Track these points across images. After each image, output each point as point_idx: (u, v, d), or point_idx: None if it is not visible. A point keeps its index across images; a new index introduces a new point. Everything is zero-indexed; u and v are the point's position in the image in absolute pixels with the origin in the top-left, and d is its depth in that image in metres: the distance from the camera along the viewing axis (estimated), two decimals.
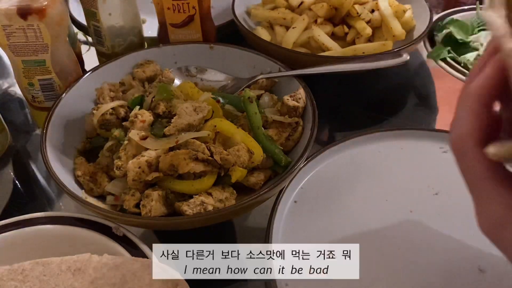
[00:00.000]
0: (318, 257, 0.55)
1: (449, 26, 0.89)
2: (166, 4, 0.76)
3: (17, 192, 0.72)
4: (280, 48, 0.83)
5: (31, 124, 0.84)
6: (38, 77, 0.70)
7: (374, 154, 0.68)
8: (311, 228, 0.58)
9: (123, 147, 0.60)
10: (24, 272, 0.47)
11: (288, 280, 0.52)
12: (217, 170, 0.58)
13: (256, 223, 0.66)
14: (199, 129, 0.61)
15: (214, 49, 0.78)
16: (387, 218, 0.59)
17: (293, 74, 0.71)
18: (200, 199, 0.55)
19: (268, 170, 0.62)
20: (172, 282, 0.46)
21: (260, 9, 0.95)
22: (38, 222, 0.54)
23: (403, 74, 0.93)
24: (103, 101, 0.68)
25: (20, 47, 0.67)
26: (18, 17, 0.63)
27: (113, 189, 0.60)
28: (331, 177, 0.65)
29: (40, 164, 0.75)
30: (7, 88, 0.90)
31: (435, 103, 0.87)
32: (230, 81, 0.77)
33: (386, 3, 0.89)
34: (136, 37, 0.81)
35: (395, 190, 0.62)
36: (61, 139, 0.65)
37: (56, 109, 0.66)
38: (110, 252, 0.50)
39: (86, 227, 0.54)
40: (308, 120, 0.65)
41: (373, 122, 0.82)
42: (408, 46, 0.81)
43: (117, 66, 0.75)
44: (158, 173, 0.57)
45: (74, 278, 0.47)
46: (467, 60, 0.84)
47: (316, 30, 0.86)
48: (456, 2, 1.12)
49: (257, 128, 0.62)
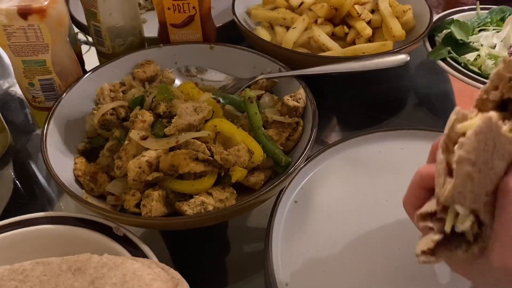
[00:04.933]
0: (318, 257, 0.55)
1: (449, 26, 0.89)
2: (166, 4, 0.76)
3: (17, 192, 0.72)
4: (280, 48, 0.83)
5: (32, 124, 0.84)
6: (38, 77, 0.70)
7: (374, 154, 0.68)
8: (311, 228, 0.58)
9: (123, 147, 0.60)
10: (24, 272, 0.47)
11: (288, 280, 0.52)
12: (218, 170, 0.58)
13: (256, 223, 0.66)
14: (199, 129, 0.61)
15: (214, 49, 0.78)
16: (387, 218, 0.59)
17: (293, 74, 0.71)
18: (200, 199, 0.55)
19: (268, 170, 0.62)
20: (172, 282, 0.46)
21: (260, 9, 0.95)
22: (38, 222, 0.54)
23: (403, 74, 0.93)
24: (104, 101, 0.68)
25: (21, 47, 0.67)
26: (18, 17, 0.63)
27: (113, 189, 0.60)
28: (331, 177, 0.65)
29: (40, 164, 0.75)
30: (7, 88, 0.90)
31: (435, 103, 0.87)
32: (230, 81, 0.77)
33: (386, 3, 0.89)
34: (137, 37, 0.81)
35: (395, 190, 0.62)
36: (62, 139, 0.65)
37: (56, 109, 0.66)
38: (110, 252, 0.50)
39: (86, 227, 0.54)
40: (308, 120, 0.65)
41: (373, 122, 0.82)
42: (408, 46, 0.81)
43: (118, 66, 0.75)
44: (159, 173, 0.57)
45: (74, 278, 0.47)
46: (467, 60, 0.84)
47: (316, 30, 0.86)
48: (456, 2, 1.12)
49: (258, 128, 0.62)
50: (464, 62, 0.84)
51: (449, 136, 0.39)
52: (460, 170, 0.35)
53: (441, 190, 0.37)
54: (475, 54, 0.85)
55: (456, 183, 0.35)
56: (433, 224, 0.39)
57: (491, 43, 0.87)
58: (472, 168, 0.35)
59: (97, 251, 0.49)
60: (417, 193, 0.43)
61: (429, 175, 0.41)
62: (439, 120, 0.84)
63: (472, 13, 0.96)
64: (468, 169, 0.35)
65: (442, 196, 0.36)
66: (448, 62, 0.84)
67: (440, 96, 0.89)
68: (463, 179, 0.35)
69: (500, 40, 0.86)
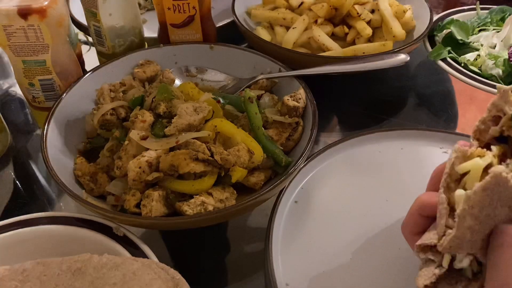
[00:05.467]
0: (318, 257, 0.55)
1: (449, 26, 0.89)
2: (166, 4, 0.76)
3: (17, 192, 0.72)
4: (280, 48, 0.83)
5: (32, 124, 0.84)
6: (38, 77, 0.70)
7: (374, 154, 0.68)
8: (311, 228, 0.58)
9: (123, 147, 0.60)
10: (24, 272, 0.47)
11: (288, 280, 0.52)
12: (218, 170, 0.58)
13: (256, 223, 0.66)
14: (199, 129, 0.61)
15: (214, 49, 0.78)
16: (387, 218, 0.59)
17: (293, 74, 0.71)
18: (200, 199, 0.55)
19: (268, 170, 0.62)
20: (172, 282, 0.46)
21: (260, 9, 0.95)
22: (39, 222, 0.54)
23: (403, 74, 0.93)
24: (104, 102, 0.68)
25: (21, 47, 0.67)
26: (18, 17, 0.63)
27: (113, 189, 0.60)
28: (331, 177, 0.65)
29: (40, 164, 0.76)
30: (7, 88, 0.90)
31: (435, 103, 0.87)
32: (230, 81, 0.77)
33: (386, 3, 0.89)
34: (137, 37, 0.81)
35: (395, 190, 0.62)
36: (62, 139, 0.65)
37: (56, 109, 0.66)
38: (110, 252, 0.50)
39: (86, 227, 0.54)
40: (308, 120, 0.65)
41: (373, 122, 0.82)
42: (408, 46, 0.81)
43: (118, 66, 0.75)
44: (159, 173, 0.57)
45: (74, 278, 0.47)
46: (467, 60, 0.84)
47: (316, 31, 0.86)
48: (456, 2, 1.12)
49: (258, 128, 0.62)
50: (464, 62, 0.84)
51: (450, 175, 0.39)
52: (462, 223, 0.35)
53: (441, 239, 0.37)
54: (475, 54, 0.85)
55: (456, 235, 0.36)
56: (433, 257, 0.40)
57: (491, 43, 0.87)
58: (474, 222, 0.35)
59: (97, 251, 0.49)
60: (417, 220, 0.44)
61: (429, 203, 0.42)
62: (439, 120, 0.84)
63: (472, 13, 0.96)
64: (470, 223, 0.35)
65: (440, 246, 0.37)
66: (448, 62, 0.84)
67: (440, 96, 0.89)
68: (463, 231, 0.35)
69: (500, 40, 0.86)
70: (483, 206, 0.34)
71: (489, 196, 0.34)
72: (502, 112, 0.39)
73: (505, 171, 0.34)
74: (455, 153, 0.39)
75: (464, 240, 0.36)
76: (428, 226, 0.43)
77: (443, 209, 0.38)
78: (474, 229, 0.35)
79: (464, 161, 0.39)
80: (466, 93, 0.88)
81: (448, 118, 0.84)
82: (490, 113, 0.40)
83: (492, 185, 0.34)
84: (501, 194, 0.34)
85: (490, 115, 0.40)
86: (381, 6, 0.89)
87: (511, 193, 0.35)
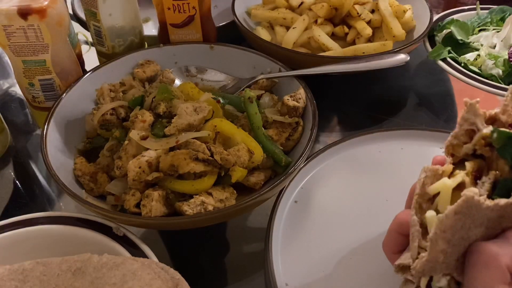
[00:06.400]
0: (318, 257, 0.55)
1: (449, 26, 0.89)
2: (166, 4, 0.76)
3: (17, 192, 0.72)
4: (280, 48, 0.83)
5: (32, 124, 0.84)
6: (38, 77, 0.70)
7: (374, 154, 0.68)
8: (311, 228, 0.58)
9: (123, 147, 0.60)
10: (24, 272, 0.47)
11: (288, 280, 0.52)
12: (217, 170, 0.58)
13: (256, 223, 0.66)
14: (199, 129, 0.61)
15: (214, 49, 0.78)
16: (387, 218, 0.58)
17: (293, 74, 0.71)
18: (200, 199, 0.55)
19: (268, 170, 0.62)
20: (172, 282, 0.46)
21: (260, 9, 0.95)
22: (39, 222, 0.54)
23: (403, 74, 0.93)
24: (103, 101, 0.68)
25: (21, 47, 0.67)
26: (18, 17, 0.63)
27: (113, 189, 0.60)
28: (331, 177, 0.65)
29: (40, 164, 0.76)
30: (7, 88, 0.90)
31: (435, 103, 0.87)
32: (230, 81, 0.77)
33: (386, 3, 0.89)
34: (137, 37, 0.81)
35: (395, 190, 0.62)
36: (62, 139, 0.65)
37: (56, 109, 0.66)
38: (110, 252, 0.50)
39: (86, 227, 0.54)
40: (308, 120, 0.65)
41: (373, 122, 0.82)
42: (408, 46, 0.81)
43: (118, 66, 0.75)
44: (159, 173, 0.57)
45: (74, 278, 0.47)
46: (467, 60, 0.84)
47: (316, 30, 0.86)
48: (456, 2, 1.12)
49: (258, 128, 0.62)
50: (464, 62, 0.84)
51: (421, 196, 0.38)
52: (434, 247, 0.35)
53: (414, 261, 0.37)
54: (475, 54, 0.85)
55: (428, 259, 0.35)
56: (411, 277, 0.40)
57: (491, 43, 0.87)
58: (447, 245, 0.34)
59: (97, 251, 0.49)
60: (396, 238, 0.44)
61: (407, 221, 0.41)
62: (439, 120, 0.84)
63: (472, 13, 0.96)
64: (443, 246, 0.34)
65: (414, 269, 0.37)
66: (448, 62, 0.84)
67: (440, 96, 0.89)
68: (436, 255, 0.35)
69: (500, 40, 0.86)
70: (455, 230, 0.34)
71: (461, 220, 0.33)
72: (475, 126, 0.39)
73: (477, 193, 0.33)
74: (424, 172, 0.39)
75: (437, 263, 0.35)
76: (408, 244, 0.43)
77: (415, 231, 0.38)
78: (447, 252, 0.35)
79: (436, 179, 0.38)
80: (466, 93, 0.88)
81: (448, 118, 0.84)
82: (462, 127, 0.40)
83: (464, 209, 0.33)
84: (474, 216, 0.34)
85: (462, 129, 0.40)
86: (381, 6, 0.89)
87: (485, 214, 0.34)
